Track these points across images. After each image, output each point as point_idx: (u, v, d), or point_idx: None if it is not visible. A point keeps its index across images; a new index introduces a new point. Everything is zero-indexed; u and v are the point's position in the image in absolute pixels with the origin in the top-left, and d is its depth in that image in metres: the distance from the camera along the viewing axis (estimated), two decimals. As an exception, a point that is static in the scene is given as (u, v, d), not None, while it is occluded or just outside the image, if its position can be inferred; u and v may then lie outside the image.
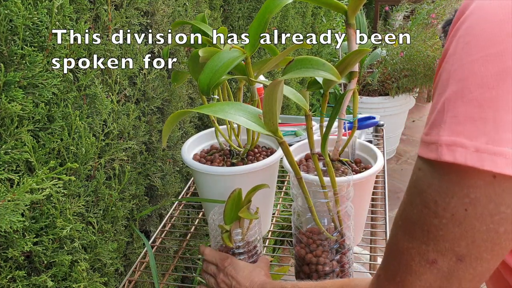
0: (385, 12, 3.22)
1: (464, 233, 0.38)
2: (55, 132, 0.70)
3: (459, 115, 0.37)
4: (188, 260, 1.20)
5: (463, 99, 0.37)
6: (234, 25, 1.42)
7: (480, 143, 0.35)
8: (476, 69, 0.36)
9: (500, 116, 0.35)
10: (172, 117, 0.59)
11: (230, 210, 0.73)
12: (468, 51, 0.37)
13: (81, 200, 0.76)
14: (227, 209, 0.73)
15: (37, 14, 0.63)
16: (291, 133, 1.28)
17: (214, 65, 0.61)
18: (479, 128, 0.36)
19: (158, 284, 0.82)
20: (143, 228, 1.04)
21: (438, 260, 0.41)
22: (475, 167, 0.36)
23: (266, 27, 0.62)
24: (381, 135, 1.28)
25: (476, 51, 0.37)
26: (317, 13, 2.13)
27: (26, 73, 0.62)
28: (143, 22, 0.93)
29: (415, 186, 0.42)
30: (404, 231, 0.43)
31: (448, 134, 0.37)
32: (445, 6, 2.49)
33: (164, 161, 1.08)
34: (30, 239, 0.65)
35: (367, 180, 0.81)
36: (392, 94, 2.51)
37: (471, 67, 0.37)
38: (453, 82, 0.38)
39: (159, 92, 1.01)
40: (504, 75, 0.35)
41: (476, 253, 0.39)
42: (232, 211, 0.73)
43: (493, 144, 0.35)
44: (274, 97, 0.54)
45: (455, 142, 0.37)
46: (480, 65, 0.36)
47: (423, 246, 0.41)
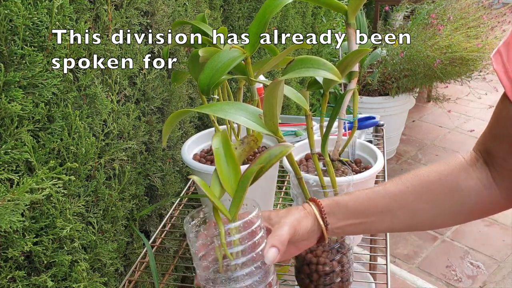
0: (385, 12, 3.21)
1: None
2: (55, 132, 0.70)
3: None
4: (188, 260, 1.20)
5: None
6: (234, 25, 1.42)
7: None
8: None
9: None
10: (172, 117, 0.59)
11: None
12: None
13: (81, 200, 0.76)
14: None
15: (37, 14, 0.63)
16: (291, 133, 1.28)
17: (214, 65, 0.61)
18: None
19: (158, 284, 0.82)
20: (143, 228, 1.04)
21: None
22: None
23: (266, 27, 0.62)
24: (381, 135, 1.28)
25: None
26: (317, 13, 2.13)
27: (26, 73, 0.62)
28: (143, 22, 0.93)
29: None
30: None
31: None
32: (445, 6, 2.49)
33: (164, 161, 1.08)
34: (30, 239, 0.65)
35: (367, 180, 0.81)
36: (392, 94, 2.51)
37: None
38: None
39: (159, 92, 1.01)
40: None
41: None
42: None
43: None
44: (275, 97, 0.54)
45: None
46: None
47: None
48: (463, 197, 0.59)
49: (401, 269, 1.94)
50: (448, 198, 0.59)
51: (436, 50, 2.29)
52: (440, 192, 0.59)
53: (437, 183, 0.59)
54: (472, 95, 2.56)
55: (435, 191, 0.59)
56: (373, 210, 0.60)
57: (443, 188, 0.59)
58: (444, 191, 0.59)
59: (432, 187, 0.59)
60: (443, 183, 0.59)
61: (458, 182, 0.59)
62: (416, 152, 2.83)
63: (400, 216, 0.60)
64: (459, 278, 1.88)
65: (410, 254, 2.02)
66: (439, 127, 3.09)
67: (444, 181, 0.59)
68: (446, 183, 0.59)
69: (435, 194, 0.59)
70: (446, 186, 0.59)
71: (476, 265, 1.94)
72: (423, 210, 0.60)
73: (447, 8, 2.48)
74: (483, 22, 2.40)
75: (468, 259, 1.98)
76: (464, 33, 2.33)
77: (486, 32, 2.39)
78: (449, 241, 2.09)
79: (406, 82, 2.44)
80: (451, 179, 0.59)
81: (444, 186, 0.59)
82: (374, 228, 0.62)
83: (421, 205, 0.59)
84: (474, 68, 2.36)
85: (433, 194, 0.59)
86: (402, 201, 0.59)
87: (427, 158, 2.75)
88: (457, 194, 0.59)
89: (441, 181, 0.59)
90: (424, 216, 0.60)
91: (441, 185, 0.59)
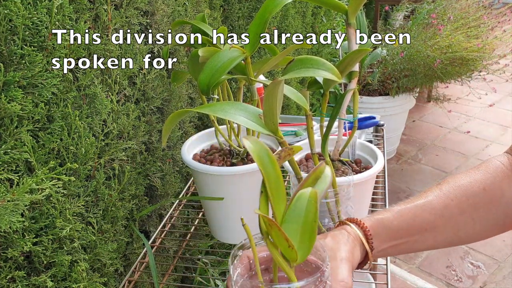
0: (385, 12, 3.21)
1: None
2: (55, 132, 0.70)
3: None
4: (188, 260, 1.20)
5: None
6: (234, 25, 1.42)
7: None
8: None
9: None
10: (172, 116, 0.59)
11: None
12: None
13: (80, 200, 0.76)
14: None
15: (37, 14, 0.63)
16: (291, 133, 1.27)
17: (214, 64, 0.61)
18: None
19: (158, 285, 0.82)
20: (142, 228, 1.04)
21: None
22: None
23: (266, 26, 0.62)
24: (381, 135, 1.27)
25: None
26: (317, 13, 2.13)
27: (26, 73, 0.62)
28: (143, 22, 0.93)
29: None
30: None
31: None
32: (446, 6, 2.49)
33: (164, 161, 1.08)
34: (30, 239, 0.65)
35: (367, 180, 0.81)
36: (392, 94, 2.51)
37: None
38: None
39: (159, 92, 1.01)
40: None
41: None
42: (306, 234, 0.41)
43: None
44: (275, 97, 0.53)
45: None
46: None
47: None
48: (509, 208, 0.55)
49: (401, 269, 1.94)
50: (493, 211, 0.55)
51: (436, 50, 2.28)
52: (485, 204, 0.55)
53: (481, 194, 0.55)
54: (472, 95, 2.56)
55: (479, 204, 0.55)
56: (417, 228, 0.55)
57: (488, 199, 0.55)
58: (489, 203, 0.55)
59: (477, 199, 0.55)
60: (487, 193, 0.55)
61: (502, 191, 0.55)
62: (416, 152, 2.83)
63: (444, 233, 0.56)
64: (460, 278, 1.88)
65: (410, 254, 2.02)
66: (439, 127, 3.09)
67: (488, 192, 0.55)
68: (490, 194, 0.55)
69: (479, 207, 0.55)
70: (490, 197, 0.55)
71: (477, 265, 1.94)
72: (467, 225, 0.56)
73: (447, 8, 2.48)
74: (484, 22, 2.40)
75: (468, 259, 1.98)
76: (464, 33, 2.32)
77: (486, 32, 2.39)
78: (449, 241, 2.09)
79: (406, 82, 2.44)
80: (495, 188, 0.55)
81: (489, 197, 0.55)
82: (415, 247, 0.57)
83: (466, 220, 0.55)
84: (474, 68, 2.36)
85: (478, 207, 0.55)
86: (447, 217, 0.55)
87: (427, 158, 2.75)
88: (502, 206, 0.55)
89: (485, 191, 0.55)
90: (469, 231, 0.56)
91: (485, 196, 0.55)
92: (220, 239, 0.93)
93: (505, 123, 3.06)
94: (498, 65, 2.40)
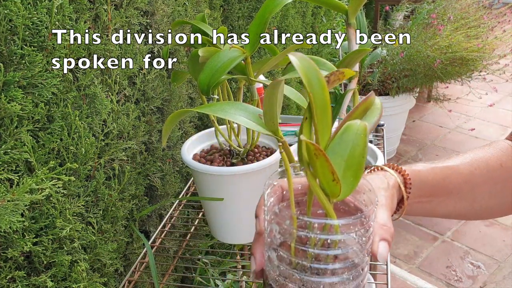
0: (385, 12, 3.21)
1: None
2: (55, 132, 0.70)
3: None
4: (188, 260, 1.20)
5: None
6: (234, 25, 1.42)
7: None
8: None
9: None
10: (172, 116, 0.59)
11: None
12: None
13: (80, 200, 0.76)
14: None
15: (37, 14, 0.63)
16: (291, 133, 1.27)
17: (214, 65, 0.61)
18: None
19: (158, 285, 0.82)
20: (142, 228, 1.04)
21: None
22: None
23: (266, 27, 0.62)
24: (381, 135, 1.27)
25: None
26: (317, 13, 2.13)
27: (26, 73, 0.62)
28: (143, 22, 0.93)
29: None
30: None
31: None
32: (446, 6, 2.49)
33: (164, 161, 1.08)
34: (30, 239, 0.65)
35: (368, 180, 0.81)
36: (392, 94, 2.51)
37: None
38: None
39: (158, 92, 1.01)
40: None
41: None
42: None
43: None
44: (275, 97, 0.53)
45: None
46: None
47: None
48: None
49: (401, 269, 1.94)
50: (509, 188, 0.57)
51: (436, 50, 2.28)
52: (502, 180, 0.56)
53: (499, 170, 0.56)
54: (473, 95, 2.56)
55: (498, 179, 0.56)
56: (445, 189, 0.54)
57: (505, 176, 0.56)
58: (505, 180, 0.57)
59: (496, 174, 0.56)
60: (504, 170, 0.56)
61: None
62: (416, 152, 2.83)
63: (463, 201, 0.56)
64: (460, 278, 1.88)
65: (410, 254, 2.02)
66: (439, 127, 3.09)
67: (505, 168, 0.56)
68: (507, 171, 0.56)
69: (497, 182, 0.57)
70: (507, 174, 0.56)
71: (477, 265, 1.94)
72: (484, 198, 0.57)
73: (447, 8, 2.48)
74: (483, 22, 2.40)
75: (468, 259, 1.98)
76: (464, 33, 2.32)
77: (486, 32, 2.39)
78: (449, 241, 2.09)
79: (406, 82, 2.44)
80: (510, 166, 0.56)
81: (506, 174, 0.56)
82: (435, 210, 0.55)
83: (484, 192, 0.56)
84: (474, 68, 2.36)
85: (496, 182, 0.56)
86: (471, 185, 0.55)
87: (427, 158, 2.75)
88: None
89: (502, 168, 0.56)
90: (483, 204, 0.57)
91: (502, 172, 0.56)
92: (220, 239, 0.93)
93: (505, 123, 3.07)
94: (498, 65, 2.40)
